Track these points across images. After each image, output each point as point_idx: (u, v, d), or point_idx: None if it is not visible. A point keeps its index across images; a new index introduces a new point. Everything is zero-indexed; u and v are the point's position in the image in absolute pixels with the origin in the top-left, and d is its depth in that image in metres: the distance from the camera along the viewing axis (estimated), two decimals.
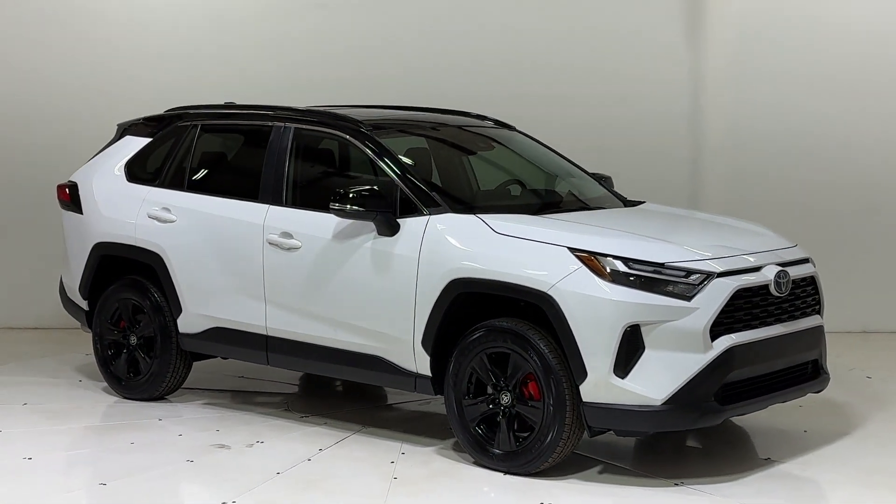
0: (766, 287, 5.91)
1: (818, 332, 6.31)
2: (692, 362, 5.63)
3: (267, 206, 6.81)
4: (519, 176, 7.42)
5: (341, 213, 6.30)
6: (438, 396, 6.24)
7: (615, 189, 7.52)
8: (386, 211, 6.28)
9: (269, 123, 7.03)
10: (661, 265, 5.72)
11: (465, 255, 6.04)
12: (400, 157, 6.57)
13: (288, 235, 6.66)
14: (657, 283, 5.68)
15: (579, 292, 5.69)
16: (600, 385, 5.66)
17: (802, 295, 6.22)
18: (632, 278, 5.68)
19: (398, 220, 6.30)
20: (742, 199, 9.94)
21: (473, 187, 7.51)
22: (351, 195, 6.26)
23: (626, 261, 5.72)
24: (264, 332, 6.81)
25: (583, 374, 5.68)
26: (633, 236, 5.99)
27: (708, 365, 5.64)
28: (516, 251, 5.93)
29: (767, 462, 6.15)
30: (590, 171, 7.57)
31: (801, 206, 9.92)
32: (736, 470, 6.01)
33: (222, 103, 7.64)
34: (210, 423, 6.87)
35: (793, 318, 6.11)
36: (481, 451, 6.03)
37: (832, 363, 6.70)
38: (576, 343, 5.68)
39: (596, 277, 5.69)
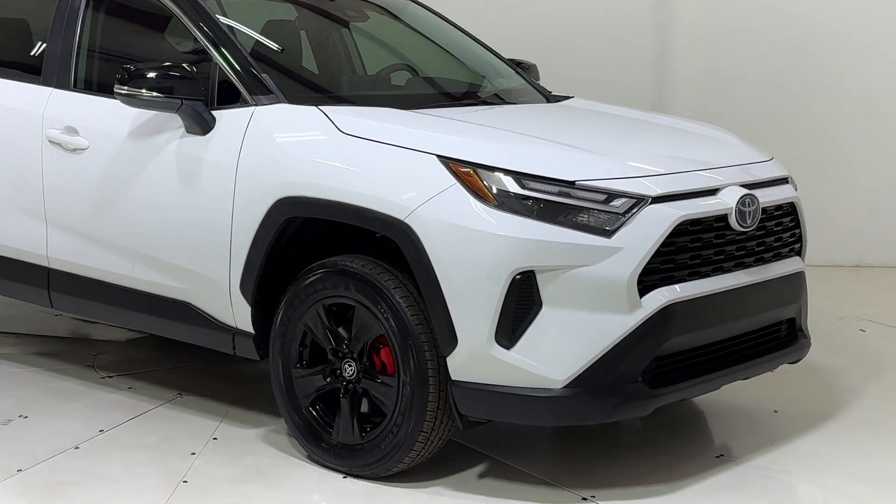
0: (724, 218, 4.11)
1: (797, 280, 4.51)
2: (610, 327, 3.84)
3: (50, 89, 4.96)
4: (409, 59, 5.58)
5: (132, 101, 4.44)
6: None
7: (539, 81, 5.69)
8: (195, 99, 4.43)
9: None
10: (571, 184, 3.90)
11: (297, 163, 4.22)
12: (222, 21, 4.69)
13: (73, 131, 4.81)
14: (563, 211, 3.86)
15: (449, 222, 3.88)
16: (476, 357, 3.88)
17: (777, 229, 4.41)
18: (527, 203, 3.87)
19: (214, 112, 4.47)
20: (716, 100, 8.13)
21: (355, 72, 5.70)
22: (147, 75, 4.41)
23: (519, 177, 3.90)
24: (45, 264, 5.00)
25: (451, 340, 3.90)
26: (536, 142, 4.17)
27: (634, 331, 3.85)
28: (367, 160, 4.11)
29: (720, 461, 4.41)
30: (508, 56, 5.73)
31: (786, 112, 8.11)
32: (674, 474, 4.26)
33: None
34: None
35: (762, 261, 4.31)
36: (315, 441, 4.28)
37: (816, 309, 5.00)
38: (442, 295, 3.89)
39: (475, 200, 3.88)
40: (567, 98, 5.32)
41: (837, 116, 8.09)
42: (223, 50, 4.51)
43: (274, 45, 5.11)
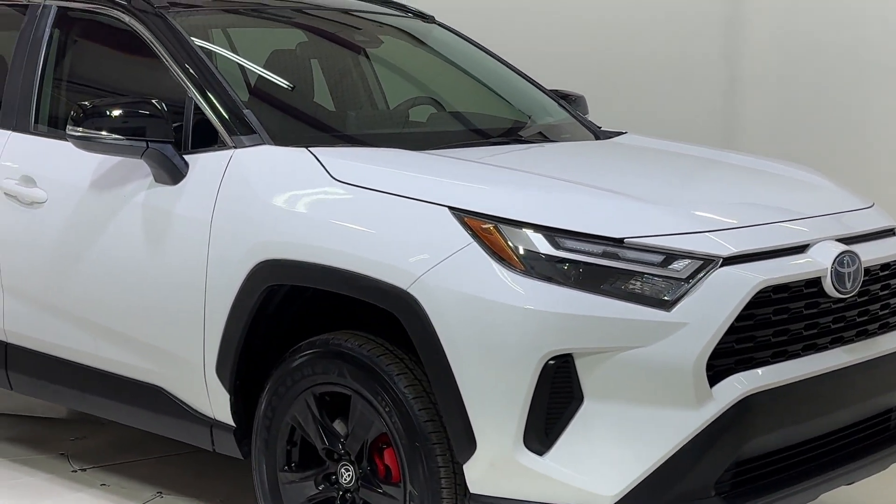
0: (817, 282, 3.23)
1: None
2: (673, 426, 2.98)
3: (8, 132, 4.23)
4: (434, 92, 4.78)
5: (87, 144, 3.69)
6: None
7: (588, 115, 4.86)
8: (163, 141, 3.67)
9: (24, 1, 4.44)
10: (619, 242, 3.06)
11: (279, 218, 3.42)
12: (199, 46, 3.91)
13: (30, 181, 4.07)
14: (609, 277, 3.02)
15: (464, 291, 3.05)
16: (500, 465, 3.04)
17: (884, 294, 3.51)
18: (563, 267, 3.03)
19: (186, 157, 3.70)
20: (793, 138, 7.21)
21: (376, 107, 4.92)
22: (106, 113, 3.65)
23: (552, 233, 3.06)
24: (2, 338, 4.25)
25: (469, 444, 3.06)
26: (573, 189, 3.34)
27: (704, 430, 2.99)
28: (362, 213, 3.30)
29: None
30: (551, 88, 4.91)
31: (876, 149, 7.15)
32: None
33: None
34: None
35: (866, 335, 3.42)
36: None
37: None
38: (455, 386, 3.05)
39: (496, 264, 3.05)
40: (619, 134, 4.48)
41: None
42: (200, 83, 3.74)
43: (276, 79, 4.35)
